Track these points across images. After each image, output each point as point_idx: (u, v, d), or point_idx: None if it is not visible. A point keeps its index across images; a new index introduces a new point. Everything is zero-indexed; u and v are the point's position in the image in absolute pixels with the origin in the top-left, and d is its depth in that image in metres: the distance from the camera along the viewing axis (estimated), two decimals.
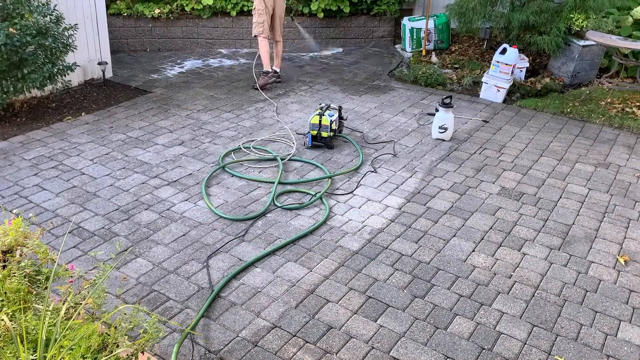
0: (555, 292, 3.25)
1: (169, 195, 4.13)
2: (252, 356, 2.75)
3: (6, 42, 4.57)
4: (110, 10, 7.18)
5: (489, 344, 2.87)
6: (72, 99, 5.85)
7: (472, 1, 6.60)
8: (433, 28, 7.53)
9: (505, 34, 6.74)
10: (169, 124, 5.34)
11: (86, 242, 3.56)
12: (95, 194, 4.11)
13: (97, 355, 1.79)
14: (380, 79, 6.81)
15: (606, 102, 6.00)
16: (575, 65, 6.41)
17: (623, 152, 5.04)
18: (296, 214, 3.93)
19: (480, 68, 6.83)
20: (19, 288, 1.96)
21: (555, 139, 5.27)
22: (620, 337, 2.94)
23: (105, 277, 2.13)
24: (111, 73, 6.54)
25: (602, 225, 3.92)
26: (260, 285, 3.23)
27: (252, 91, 6.26)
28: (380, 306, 3.10)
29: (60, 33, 5.11)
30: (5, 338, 1.80)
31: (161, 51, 7.60)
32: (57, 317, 1.79)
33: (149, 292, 3.15)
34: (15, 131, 5.06)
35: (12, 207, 3.89)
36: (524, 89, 6.26)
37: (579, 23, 6.39)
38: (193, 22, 7.56)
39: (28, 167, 4.46)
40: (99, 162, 4.59)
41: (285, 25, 7.05)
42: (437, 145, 5.06)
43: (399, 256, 3.52)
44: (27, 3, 4.86)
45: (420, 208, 4.06)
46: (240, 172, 4.47)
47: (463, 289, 3.25)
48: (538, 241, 3.72)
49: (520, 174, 4.59)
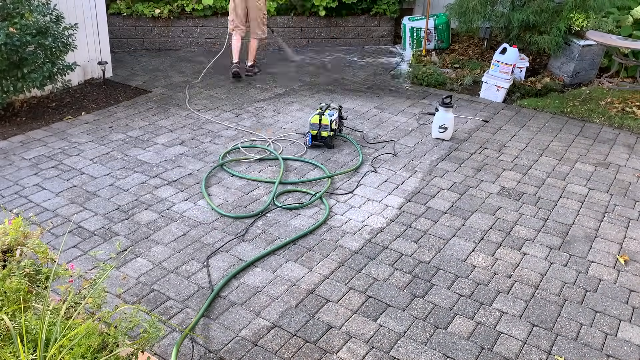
0: (555, 292, 3.25)
1: (169, 194, 4.13)
2: (252, 356, 2.75)
3: (6, 42, 4.57)
4: (111, 9, 7.18)
5: (489, 344, 2.87)
6: (72, 99, 5.85)
7: (472, 1, 6.60)
8: (433, 28, 7.53)
9: (506, 33, 6.74)
10: (169, 124, 5.34)
11: (86, 242, 3.56)
12: (95, 194, 4.11)
13: (97, 355, 1.79)
14: (380, 78, 6.81)
15: (606, 102, 6.00)
16: (575, 65, 6.41)
17: (623, 151, 5.04)
18: (296, 214, 3.93)
19: (481, 68, 6.83)
20: (19, 287, 1.96)
21: (555, 138, 5.27)
22: (620, 337, 2.94)
23: (105, 277, 2.13)
24: (111, 73, 6.54)
25: (602, 225, 3.92)
26: (260, 285, 3.23)
27: (251, 91, 6.27)
28: (380, 306, 3.10)
29: (60, 32, 5.11)
30: (5, 337, 1.80)
31: (161, 50, 7.60)
32: (57, 317, 1.79)
33: (149, 292, 3.15)
34: (15, 131, 5.06)
35: (12, 207, 3.89)
36: (524, 89, 6.26)
37: (579, 23, 6.39)
38: (193, 21, 7.56)
39: (28, 166, 4.46)
40: (98, 161, 4.59)
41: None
42: (437, 145, 5.06)
43: (399, 256, 3.52)
44: (27, 2, 4.86)
45: (420, 208, 4.06)
46: (240, 171, 4.47)
47: (463, 289, 3.25)
48: (538, 241, 3.72)
49: (520, 173, 4.59)
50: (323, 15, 7.69)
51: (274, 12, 7.57)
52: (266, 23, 6.66)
